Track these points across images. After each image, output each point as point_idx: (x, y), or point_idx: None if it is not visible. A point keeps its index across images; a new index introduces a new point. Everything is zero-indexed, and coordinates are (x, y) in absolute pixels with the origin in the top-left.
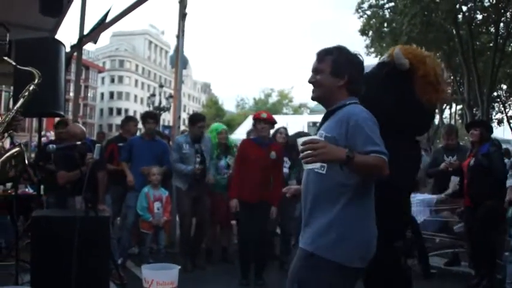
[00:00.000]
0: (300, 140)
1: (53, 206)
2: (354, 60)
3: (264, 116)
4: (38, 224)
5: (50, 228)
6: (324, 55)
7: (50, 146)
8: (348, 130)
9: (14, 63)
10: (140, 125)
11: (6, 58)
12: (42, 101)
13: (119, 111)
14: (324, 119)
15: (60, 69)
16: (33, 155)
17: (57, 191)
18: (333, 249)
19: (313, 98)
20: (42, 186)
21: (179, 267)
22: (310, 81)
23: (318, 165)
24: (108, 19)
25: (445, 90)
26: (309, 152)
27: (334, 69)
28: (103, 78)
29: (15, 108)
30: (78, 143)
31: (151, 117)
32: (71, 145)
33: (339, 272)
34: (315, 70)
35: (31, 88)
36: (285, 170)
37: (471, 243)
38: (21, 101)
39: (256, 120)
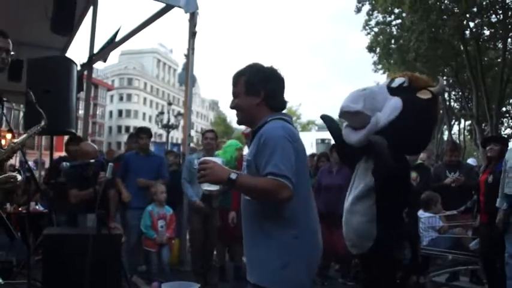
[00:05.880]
0: (199, 160)
1: (63, 224)
2: (269, 75)
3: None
4: (50, 242)
5: (62, 246)
6: (237, 77)
7: (64, 163)
8: (258, 148)
9: (34, 101)
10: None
11: (30, 93)
12: (54, 119)
13: (127, 129)
14: (251, 141)
15: (72, 88)
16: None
17: (67, 209)
18: (280, 278)
19: (238, 123)
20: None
21: (199, 285)
22: (231, 107)
23: (212, 186)
24: (118, 38)
25: None
26: (201, 172)
27: (247, 88)
28: (112, 96)
29: (16, 142)
30: (92, 161)
31: (144, 132)
32: (84, 163)
33: None
34: (233, 94)
35: (37, 129)
36: None
37: (485, 261)
38: (24, 136)
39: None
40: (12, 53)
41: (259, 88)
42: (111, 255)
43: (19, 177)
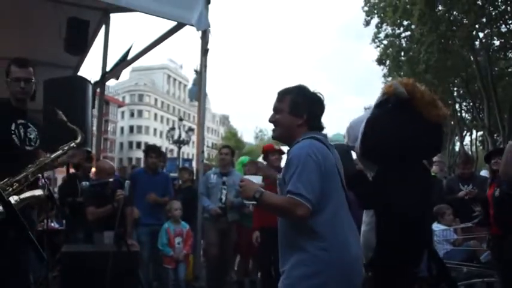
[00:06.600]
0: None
1: (79, 241)
2: (313, 99)
3: (277, 147)
4: (69, 259)
5: (81, 263)
6: (283, 94)
7: (84, 183)
8: (285, 167)
9: (65, 119)
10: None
11: (59, 113)
12: (70, 137)
13: (138, 145)
14: None
15: (87, 107)
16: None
17: (84, 226)
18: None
19: (273, 137)
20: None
21: None
22: (270, 121)
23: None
24: (130, 56)
25: (442, 106)
26: (239, 189)
27: (292, 108)
28: (123, 113)
29: (50, 157)
30: (111, 180)
31: (153, 151)
32: (104, 182)
33: None
34: (275, 109)
35: (71, 145)
36: None
37: (500, 273)
38: (58, 153)
39: (269, 152)
40: (33, 80)
41: (303, 110)
42: (129, 271)
43: (39, 193)
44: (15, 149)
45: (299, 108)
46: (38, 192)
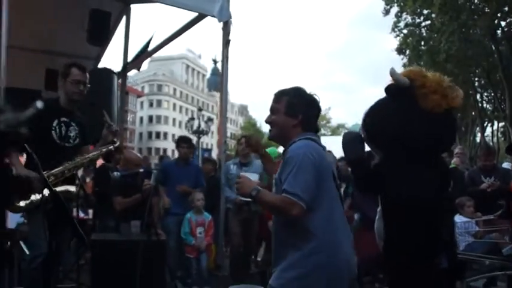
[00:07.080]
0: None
1: (106, 230)
2: (309, 100)
3: None
4: (99, 247)
5: (111, 251)
6: (280, 96)
7: (115, 173)
8: (282, 166)
9: (112, 123)
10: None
11: (106, 115)
12: (97, 129)
13: (157, 135)
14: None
15: (113, 98)
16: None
17: (112, 216)
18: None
19: (269, 138)
20: (91, 211)
21: None
22: (266, 121)
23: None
24: (151, 47)
25: (456, 96)
26: (236, 185)
27: (288, 109)
28: (142, 103)
29: (87, 157)
30: (141, 170)
31: (185, 142)
32: (134, 173)
33: None
34: (271, 110)
35: (110, 148)
36: None
37: None
38: (95, 153)
39: None
40: (88, 85)
41: (298, 112)
42: (158, 260)
43: (72, 189)
44: (53, 144)
45: (294, 109)
46: (72, 188)
